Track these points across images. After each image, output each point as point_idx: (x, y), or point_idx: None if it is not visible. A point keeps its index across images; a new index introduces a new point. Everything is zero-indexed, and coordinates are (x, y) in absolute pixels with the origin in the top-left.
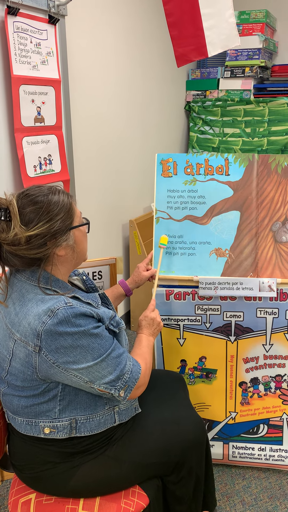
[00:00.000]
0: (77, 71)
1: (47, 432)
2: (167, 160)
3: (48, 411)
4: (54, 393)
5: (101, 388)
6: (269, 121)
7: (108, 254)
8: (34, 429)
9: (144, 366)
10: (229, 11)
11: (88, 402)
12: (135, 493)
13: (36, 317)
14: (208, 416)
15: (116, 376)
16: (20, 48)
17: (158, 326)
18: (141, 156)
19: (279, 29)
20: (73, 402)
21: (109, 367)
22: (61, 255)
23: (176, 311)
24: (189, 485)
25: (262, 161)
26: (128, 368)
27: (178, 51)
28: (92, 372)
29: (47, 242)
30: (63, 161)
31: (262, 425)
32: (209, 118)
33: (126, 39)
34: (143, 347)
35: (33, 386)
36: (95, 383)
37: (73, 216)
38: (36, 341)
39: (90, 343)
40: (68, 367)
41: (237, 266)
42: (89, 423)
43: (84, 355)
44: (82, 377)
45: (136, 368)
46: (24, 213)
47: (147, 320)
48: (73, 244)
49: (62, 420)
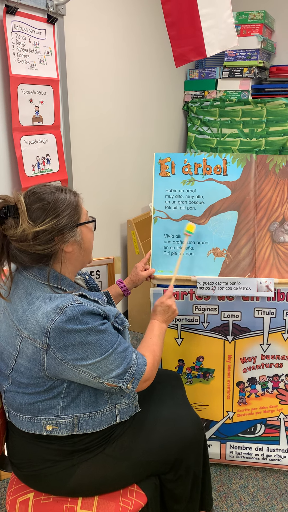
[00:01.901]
0: (75, 70)
1: (50, 429)
2: (165, 160)
3: (51, 408)
4: (59, 390)
5: (109, 382)
6: (267, 122)
7: (106, 254)
8: (36, 426)
9: (151, 359)
10: (227, 12)
11: (91, 399)
12: (133, 492)
13: (45, 315)
14: (206, 415)
15: (123, 369)
16: (18, 47)
17: (173, 314)
18: (139, 156)
19: (277, 30)
20: (76, 399)
21: (116, 361)
22: (69, 252)
23: None
24: (187, 483)
25: (260, 161)
26: (134, 361)
27: (177, 51)
28: (100, 367)
29: (55, 237)
30: (61, 160)
31: (259, 425)
32: (207, 119)
33: (124, 39)
34: (154, 336)
35: (38, 383)
36: (103, 377)
37: (80, 213)
38: (44, 338)
39: (98, 339)
40: (76, 364)
41: (235, 266)
42: (91, 420)
43: (92, 351)
44: (90, 373)
45: (142, 361)
46: (32, 209)
47: (162, 306)
48: (80, 240)
49: (64, 417)
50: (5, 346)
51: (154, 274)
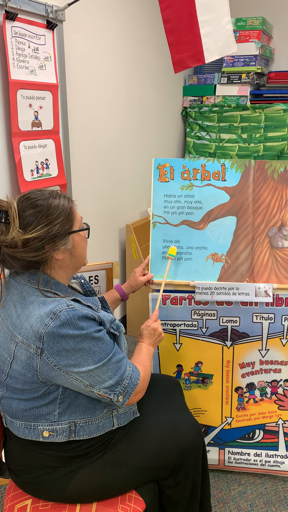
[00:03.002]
0: (74, 76)
1: (46, 435)
2: (164, 165)
3: (47, 414)
4: (54, 396)
5: (101, 393)
6: (265, 127)
7: (104, 259)
8: (33, 432)
9: (143, 372)
10: (226, 18)
11: (87, 405)
12: (131, 498)
13: (38, 320)
14: (204, 421)
15: (116, 381)
16: (18, 53)
17: (159, 337)
18: (138, 161)
19: (275, 36)
20: (73, 405)
21: (109, 371)
22: (59, 259)
23: (173, 316)
24: (186, 489)
25: (258, 167)
26: (128, 373)
27: (176, 57)
28: (92, 376)
29: (45, 245)
30: (60, 165)
31: (258, 430)
32: (206, 124)
33: (123, 45)
34: (143, 354)
35: (33, 388)
36: (95, 387)
37: (73, 221)
38: (38, 343)
39: (92, 347)
40: (69, 370)
41: (234, 271)
42: (88, 426)
43: (85, 359)
44: (82, 381)
45: (136, 374)
46: (24, 216)
47: (148, 330)
48: (72, 248)
49: (61, 424)
50: (0, 352)
51: (153, 279)
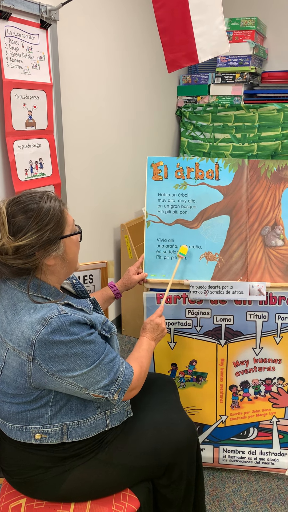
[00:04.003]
0: (68, 75)
1: (38, 438)
2: (157, 164)
3: (39, 417)
4: (47, 399)
5: (96, 393)
6: (259, 127)
7: (99, 258)
8: (25, 435)
9: (138, 369)
10: (219, 18)
11: (79, 407)
12: (126, 497)
13: (29, 326)
14: (199, 419)
15: (110, 380)
16: (11, 52)
17: (162, 333)
18: (132, 160)
19: (269, 36)
20: (64, 407)
21: (103, 372)
22: (51, 265)
23: (167, 314)
24: (180, 488)
25: (251, 166)
26: (121, 371)
27: (169, 57)
28: (86, 378)
29: (36, 252)
30: (54, 165)
31: (252, 428)
32: (200, 124)
33: (117, 44)
34: (142, 350)
35: (25, 393)
36: (89, 389)
37: (64, 226)
38: (29, 350)
39: (84, 351)
40: (62, 375)
41: (227, 270)
42: (80, 428)
43: (78, 363)
44: (76, 384)
45: (129, 371)
46: (13, 222)
47: (152, 324)
48: (63, 254)
49: (53, 426)
50: None
51: (147, 278)
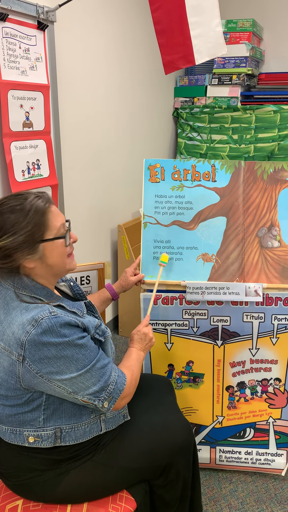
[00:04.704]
0: (66, 76)
1: (31, 441)
2: (154, 166)
3: (32, 420)
4: (38, 402)
5: (85, 399)
6: (256, 128)
7: (96, 259)
8: (19, 438)
9: (129, 377)
10: (216, 20)
11: (73, 411)
12: (122, 498)
13: (20, 327)
14: (195, 420)
15: (101, 387)
16: (8, 53)
17: (150, 342)
18: (129, 161)
19: (265, 38)
20: (58, 411)
21: (93, 378)
22: (31, 267)
23: (164, 315)
24: (177, 488)
25: (248, 167)
26: (113, 379)
27: (166, 58)
28: (76, 383)
29: (12, 254)
30: (52, 166)
31: (248, 429)
32: (197, 125)
33: (115, 46)
34: (132, 360)
35: (17, 395)
36: (78, 394)
37: (44, 229)
38: (20, 350)
39: (75, 354)
40: (51, 378)
41: (224, 271)
42: (74, 432)
43: (68, 366)
44: (65, 388)
45: (121, 379)
46: None
47: (139, 334)
48: (42, 257)
49: (46, 429)
50: None
51: (144, 279)
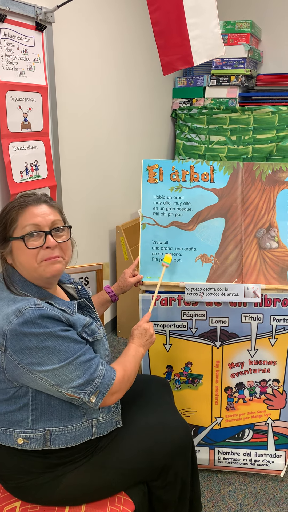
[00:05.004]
0: (64, 78)
1: (21, 442)
2: (153, 166)
3: (21, 421)
4: (25, 401)
5: (69, 392)
6: (254, 129)
7: (94, 260)
8: (9, 439)
9: (121, 372)
10: (214, 21)
11: (63, 413)
12: (120, 500)
13: (5, 317)
14: (194, 421)
15: (85, 380)
16: (7, 54)
17: (151, 338)
18: (128, 162)
19: (263, 39)
20: (47, 412)
21: (77, 370)
22: (9, 263)
23: (162, 316)
24: (175, 490)
25: (246, 168)
26: (100, 373)
27: (164, 59)
28: (58, 375)
29: None
30: (50, 167)
31: (247, 430)
32: (195, 126)
33: (113, 47)
34: (128, 355)
35: (2, 389)
36: (62, 386)
37: (11, 226)
38: (2, 340)
39: (57, 345)
40: (33, 369)
41: (222, 272)
42: (64, 435)
43: (49, 357)
44: (48, 380)
45: (109, 374)
46: None
47: (139, 330)
48: (12, 255)
49: (35, 431)
50: None
51: (143, 280)
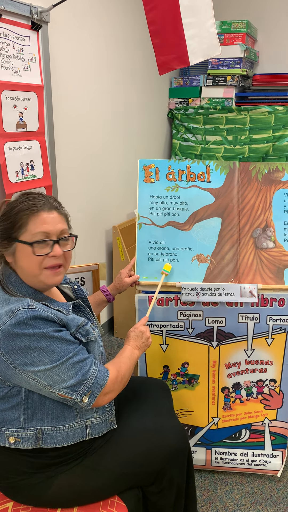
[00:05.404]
0: (59, 77)
1: (12, 441)
2: (149, 166)
3: (13, 419)
4: (17, 400)
5: (61, 393)
6: (250, 129)
7: (91, 260)
8: (0, 438)
9: (114, 373)
10: (210, 21)
11: (56, 412)
12: (114, 504)
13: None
14: (191, 422)
15: (78, 380)
16: (2, 53)
17: (147, 341)
18: (124, 162)
19: (259, 39)
20: (39, 411)
21: (69, 371)
22: (9, 262)
23: (159, 317)
24: (170, 495)
25: (242, 168)
26: (93, 373)
27: (160, 59)
28: (50, 375)
29: None
30: (46, 166)
31: (244, 430)
32: (192, 126)
33: (109, 46)
34: (123, 357)
35: None
36: (54, 387)
37: (20, 229)
38: None
39: (49, 346)
40: (25, 369)
41: (219, 272)
42: (56, 434)
43: (41, 358)
44: (40, 380)
45: (102, 374)
46: None
47: (135, 332)
48: (14, 256)
49: (27, 430)
50: None
51: (139, 280)
